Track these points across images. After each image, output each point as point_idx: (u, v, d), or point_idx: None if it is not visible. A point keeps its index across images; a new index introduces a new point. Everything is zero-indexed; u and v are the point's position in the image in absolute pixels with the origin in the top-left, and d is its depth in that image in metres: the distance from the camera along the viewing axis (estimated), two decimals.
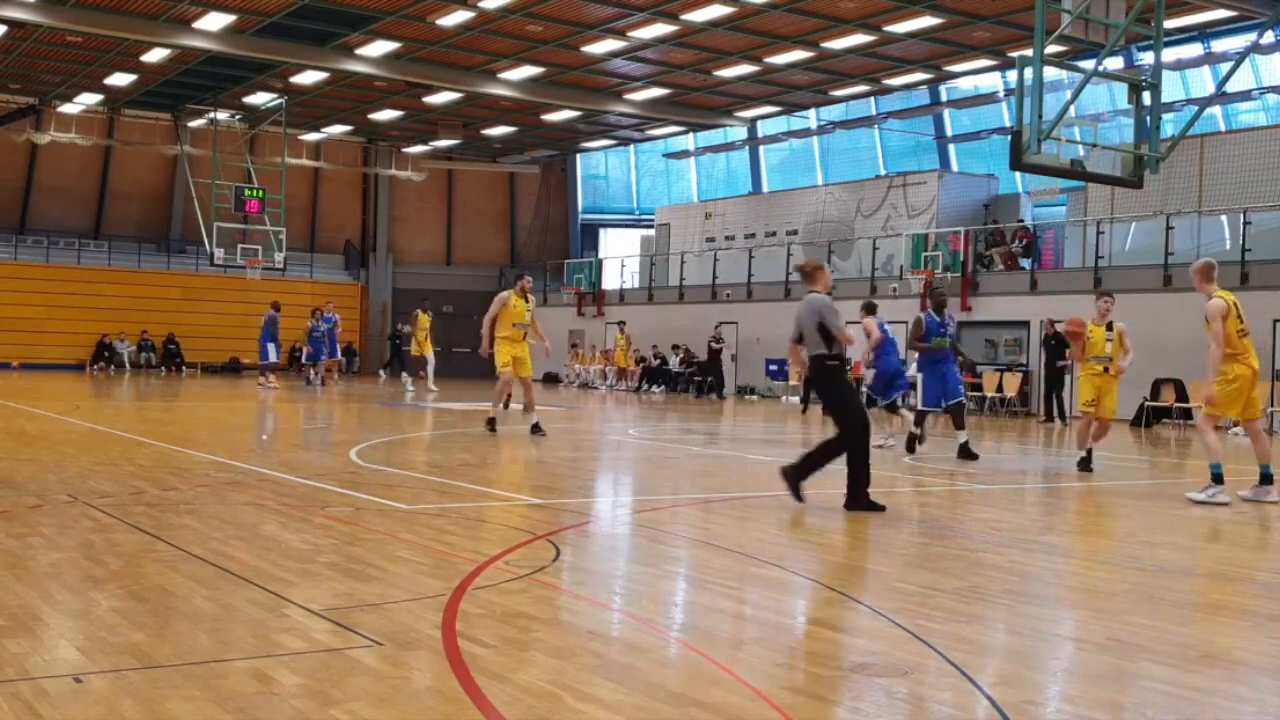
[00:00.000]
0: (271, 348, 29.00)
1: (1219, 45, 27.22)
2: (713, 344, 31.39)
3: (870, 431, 8.91)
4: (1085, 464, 12.77)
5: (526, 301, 15.26)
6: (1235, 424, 14.41)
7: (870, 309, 15.13)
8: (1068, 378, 22.59)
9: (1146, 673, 4.45)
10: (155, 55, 30.81)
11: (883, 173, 35.47)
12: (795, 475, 8.83)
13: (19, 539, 6.53)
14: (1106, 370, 12.95)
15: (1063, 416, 22.63)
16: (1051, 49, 15.82)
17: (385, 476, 10.21)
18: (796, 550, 7.38)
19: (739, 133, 39.58)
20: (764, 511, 9.11)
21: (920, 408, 14.29)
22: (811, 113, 36.80)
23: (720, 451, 13.93)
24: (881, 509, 8.64)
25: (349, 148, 44.12)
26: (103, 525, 7.10)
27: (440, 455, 12.51)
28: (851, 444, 8.77)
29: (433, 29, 27.53)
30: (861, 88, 32.49)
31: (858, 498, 8.69)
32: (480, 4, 25.58)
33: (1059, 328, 20.10)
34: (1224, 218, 24.82)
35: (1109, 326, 13.25)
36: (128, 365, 38.84)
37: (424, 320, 28.71)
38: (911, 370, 15.50)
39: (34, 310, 38.40)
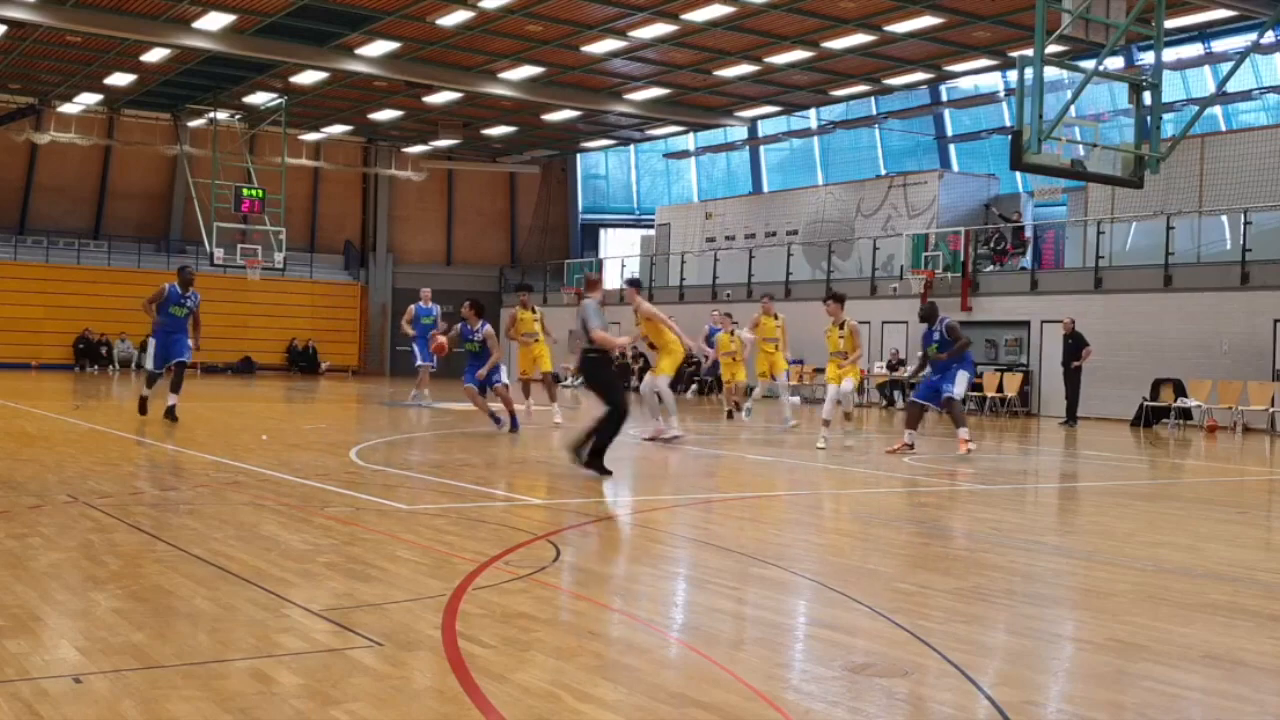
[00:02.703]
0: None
1: (1219, 45, 27.22)
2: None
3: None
4: None
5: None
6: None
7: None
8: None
9: (1146, 673, 4.45)
10: (155, 55, 30.81)
11: (883, 173, 35.47)
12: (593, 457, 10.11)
13: (19, 539, 6.53)
14: None
15: (1072, 415, 22.47)
16: (1052, 49, 15.82)
17: (385, 476, 10.21)
18: (796, 550, 7.38)
19: (739, 133, 39.58)
20: (764, 511, 9.12)
21: None
22: (811, 113, 36.80)
23: (720, 451, 13.93)
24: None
25: (349, 148, 44.12)
26: (103, 525, 7.10)
27: (440, 455, 12.52)
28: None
29: (433, 29, 27.53)
30: (861, 88, 32.49)
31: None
32: (480, 4, 25.57)
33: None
34: (1224, 218, 24.83)
35: None
36: (116, 365, 38.73)
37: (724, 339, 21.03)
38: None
39: (34, 310, 38.41)
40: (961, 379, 13.93)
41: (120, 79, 34.02)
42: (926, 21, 25.68)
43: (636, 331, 14.71)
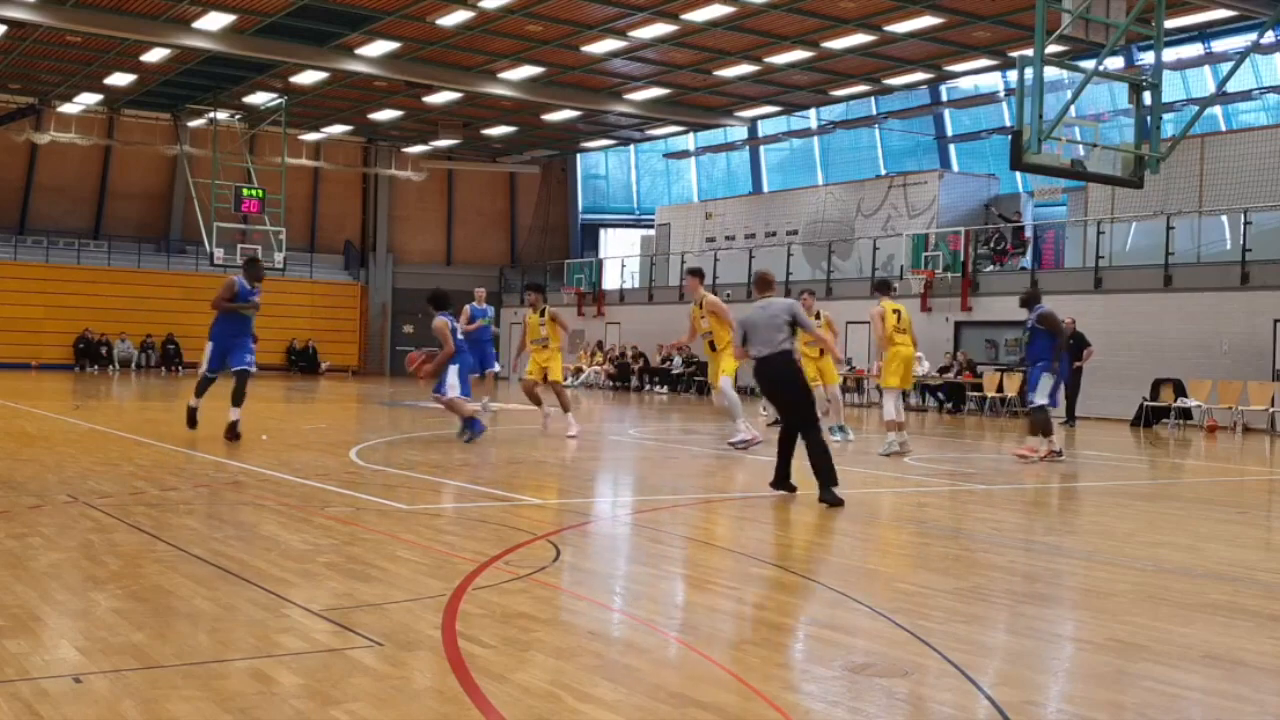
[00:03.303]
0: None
1: (1219, 45, 27.23)
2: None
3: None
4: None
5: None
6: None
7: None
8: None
9: (1146, 673, 4.45)
10: (155, 55, 30.82)
11: (883, 173, 35.49)
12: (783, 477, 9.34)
13: (19, 539, 6.53)
14: None
15: (1071, 416, 22.40)
16: (1052, 49, 15.82)
17: (385, 476, 10.21)
18: (796, 550, 7.38)
19: (739, 133, 39.59)
20: (764, 511, 9.11)
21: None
22: (811, 113, 36.81)
23: (720, 451, 13.92)
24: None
25: (349, 148, 44.13)
26: (103, 525, 7.10)
27: (440, 455, 12.51)
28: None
29: (433, 29, 27.54)
30: (861, 88, 32.50)
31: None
32: (480, 4, 25.58)
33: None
34: (1224, 218, 24.85)
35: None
36: (116, 365, 38.76)
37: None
38: None
39: (34, 310, 38.42)
40: (1044, 384, 13.23)
41: (120, 79, 34.02)
42: (926, 21, 25.69)
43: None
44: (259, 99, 36.36)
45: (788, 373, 9.35)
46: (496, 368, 18.89)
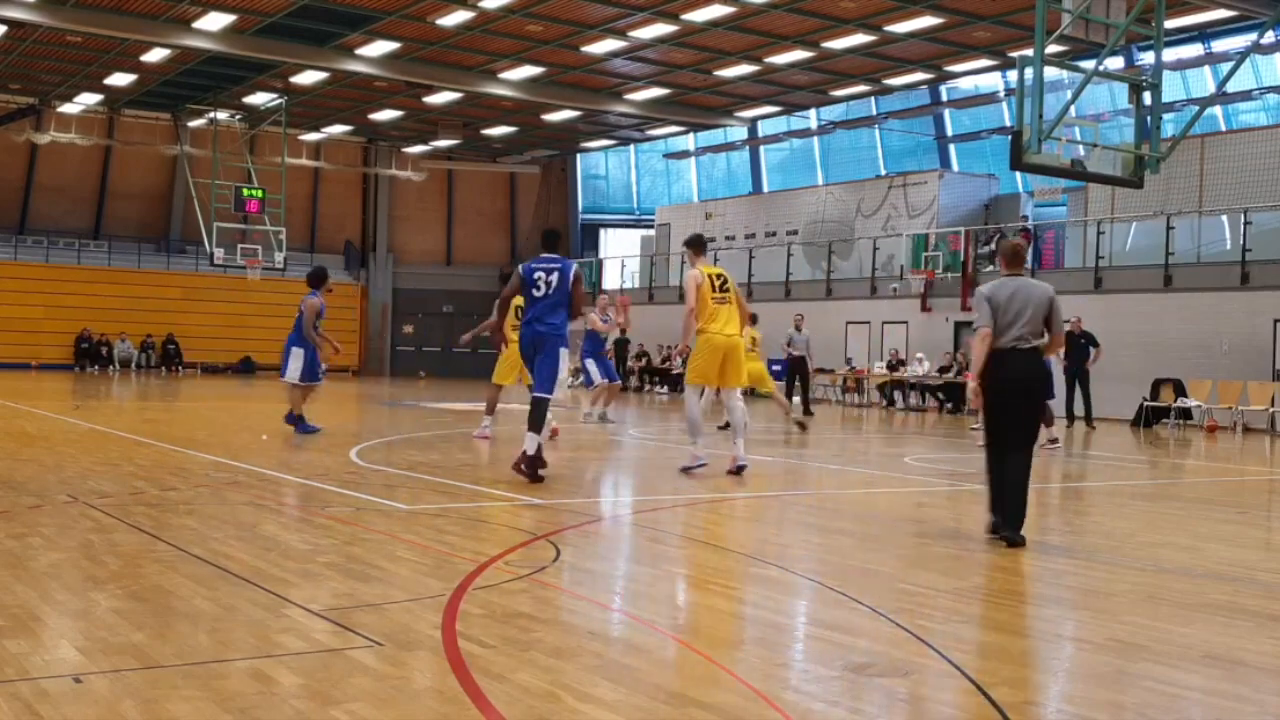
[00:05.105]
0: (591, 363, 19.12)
1: (1219, 45, 27.24)
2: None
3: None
4: None
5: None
6: None
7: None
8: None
9: (1146, 673, 4.45)
10: (155, 55, 30.82)
11: (883, 173, 35.50)
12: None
13: (19, 539, 6.53)
14: None
15: (1089, 417, 21.59)
16: (1052, 49, 15.83)
17: (385, 476, 10.21)
18: (796, 550, 7.38)
19: (739, 133, 39.59)
20: (764, 511, 9.12)
21: None
22: (811, 113, 36.81)
23: (721, 451, 13.92)
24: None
25: (349, 148, 44.13)
26: (103, 525, 7.10)
27: (440, 455, 12.51)
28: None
29: (433, 29, 27.54)
30: (861, 88, 32.50)
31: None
32: (480, 4, 25.59)
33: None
34: (1224, 218, 24.85)
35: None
36: (116, 365, 38.77)
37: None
38: None
39: (34, 310, 38.43)
40: None
41: (120, 79, 34.02)
42: (926, 21, 25.69)
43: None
44: (259, 99, 36.36)
45: (1044, 380, 7.44)
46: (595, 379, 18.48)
